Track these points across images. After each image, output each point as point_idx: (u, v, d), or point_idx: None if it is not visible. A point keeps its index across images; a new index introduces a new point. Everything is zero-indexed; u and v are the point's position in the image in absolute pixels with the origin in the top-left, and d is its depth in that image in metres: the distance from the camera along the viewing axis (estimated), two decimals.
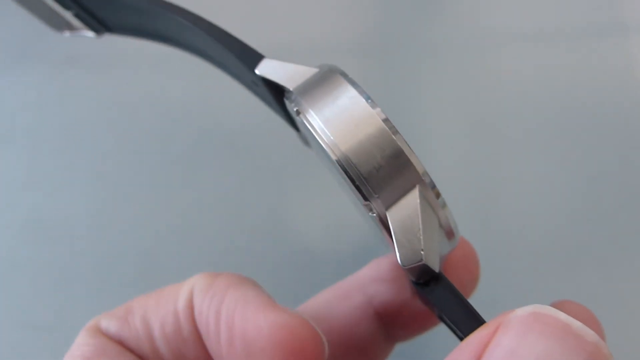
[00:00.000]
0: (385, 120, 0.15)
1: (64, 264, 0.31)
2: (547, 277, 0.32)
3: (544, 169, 0.34)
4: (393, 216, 0.15)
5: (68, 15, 0.22)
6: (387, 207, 0.15)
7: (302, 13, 0.38)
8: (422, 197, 0.15)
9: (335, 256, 0.30)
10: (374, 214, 0.15)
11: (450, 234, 0.17)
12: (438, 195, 0.16)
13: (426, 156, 0.37)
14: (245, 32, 0.37)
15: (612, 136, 0.35)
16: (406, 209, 0.15)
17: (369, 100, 0.16)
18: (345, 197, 0.20)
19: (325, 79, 0.16)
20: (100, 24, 0.23)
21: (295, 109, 0.16)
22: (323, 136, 0.15)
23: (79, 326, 0.18)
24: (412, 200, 0.15)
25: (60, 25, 0.24)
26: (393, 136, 0.15)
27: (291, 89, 0.16)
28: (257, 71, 0.18)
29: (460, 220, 0.35)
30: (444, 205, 0.16)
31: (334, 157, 0.15)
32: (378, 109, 0.15)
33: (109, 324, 0.17)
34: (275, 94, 0.18)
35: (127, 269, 0.30)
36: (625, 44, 0.38)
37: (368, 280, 0.20)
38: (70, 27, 0.23)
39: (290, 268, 0.30)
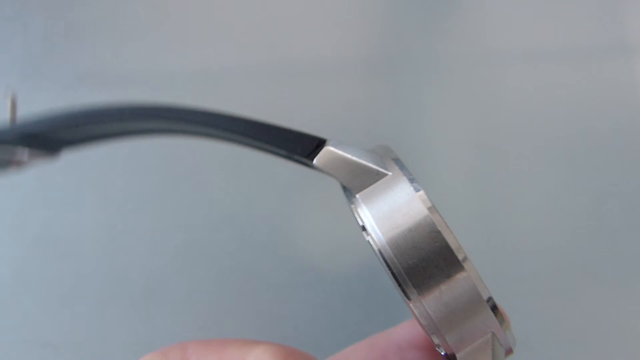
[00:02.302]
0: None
1: (73, 281, 0.31)
2: (551, 296, 0.32)
3: (549, 188, 0.34)
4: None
5: (17, 151, 0.19)
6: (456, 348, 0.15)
7: (308, 30, 0.39)
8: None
9: (341, 275, 0.30)
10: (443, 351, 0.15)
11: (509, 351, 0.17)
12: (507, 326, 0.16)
13: (431, 174, 0.37)
14: (251, 49, 0.38)
15: (617, 155, 0.35)
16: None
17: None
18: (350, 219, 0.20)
19: (390, 188, 0.16)
20: (56, 145, 0.20)
21: (358, 215, 0.16)
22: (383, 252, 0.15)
23: (85, 343, 0.18)
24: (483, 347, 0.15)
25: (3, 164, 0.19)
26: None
27: (357, 196, 0.16)
28: (316, 163, 0.16)
29: (465, 238, 0.35)
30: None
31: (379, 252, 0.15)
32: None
33: None
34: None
35: (133, 286, 0.31)
36: (630, 63, 0.38)
37: (406, 345, 0.20)
38: (18, 162, 0.19)
39: (296, 287, 0.30)
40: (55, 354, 0.29)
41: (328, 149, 0.16)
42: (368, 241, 0.15)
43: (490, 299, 0.15)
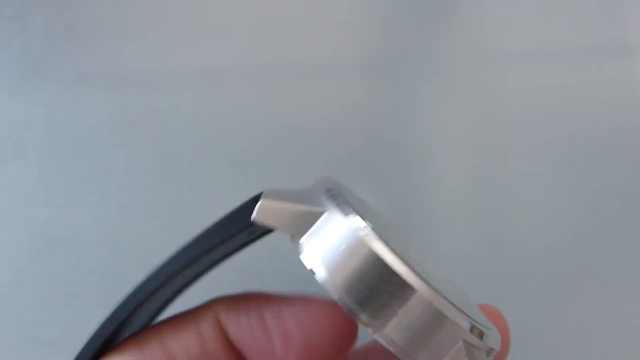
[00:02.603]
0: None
1: (72, 279, 0.31)
2: (551, 296, 0.32)
3: (549, 188, 0.34)
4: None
5: None
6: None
7: (308, 30, 0.39)
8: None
9: None
10: None
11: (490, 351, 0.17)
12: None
13: (431, 174, 0.37)
14: (252, 48, 0.38)
15: (617, 155, 0.35)
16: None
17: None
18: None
19: (327, 225, 0.16)
20: None
21: (305, 261, 0.16)
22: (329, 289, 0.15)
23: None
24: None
25: None
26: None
27: (299, 242, 0.16)
28: (254, 220, 0.16)
29: (466, 238, 0.35)
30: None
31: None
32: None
33: None
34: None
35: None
36: (630, 63, 0.38)
37: None
38: None
39: (299, 290, 0.30)
40: (54, 352, 0.29)
41: (263, 202, 0.16)
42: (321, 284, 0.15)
43: (454, 307, 0.15)
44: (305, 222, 0.16)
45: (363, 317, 0.15)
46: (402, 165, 0.35)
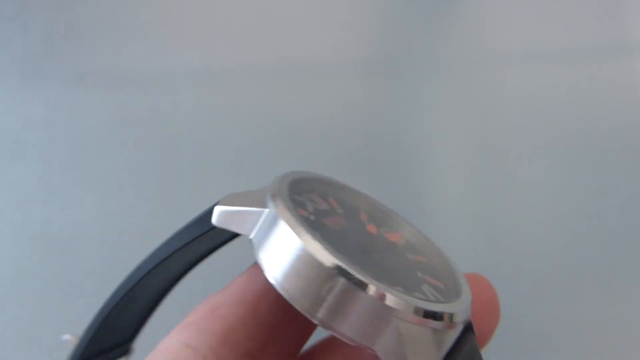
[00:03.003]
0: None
1: (72, 279, 0.31)
2: (550, 296, 0.32)
3: (549, 188, 0.34)
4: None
5: None
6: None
7: (308, 30, 0.39)
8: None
9: None
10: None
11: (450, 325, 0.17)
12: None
13: (431, 174, 0.37)
14: (251, 48, 0.38)
15: (617, 155, 0.35)
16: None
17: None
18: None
19: (268, 221, 0.17)
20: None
21: (258, 260, 0.17)
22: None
23: None
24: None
25: None
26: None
27: (252, 240, 0.17)
28: (214, 224, 0.18)
29: (466, 238, 0.35)
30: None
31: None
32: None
33: (194, 333, 0.17)
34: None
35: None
36: (630, 63, 0.38)
37: None
38: None
39: None
40: (53, 352, 0.29)
41: (215, 208, 0.18)
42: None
43: (384, 287, 0.15)
44: (253, 221, 0.17)
45: (310, 314, 0.15)
46: (402, 165, 0.35)
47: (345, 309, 0.15)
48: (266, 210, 0.17)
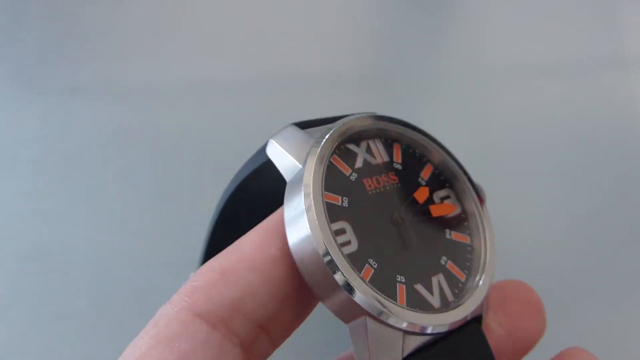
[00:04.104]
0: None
1: (63, 295, 0.31)
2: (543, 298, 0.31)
3: (545, 202, 0.34)
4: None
5: None
6: None
7: (303, 45, 0.39)
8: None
9: None
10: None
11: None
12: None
13: None
14: (243, 63, 0.38)
15: (614, 168, 0.35)
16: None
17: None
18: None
19: (297, 185, 0.18)
20: None
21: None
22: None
23: (76, 358, 0.18)
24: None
25: None
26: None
27: (288, 181, 0.18)
28: (267, 153, 0.19)
29: None
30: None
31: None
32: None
33: (204, 299, 0.16)
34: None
35: (124, 301, 0.30)
36: (626, 76, 0.38)
37: None
38: None
39: None
40: None
41: (270, 140, 0.19)
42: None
43: (349, 284, 0.16)
44: (291, 169, 0.18)
45: (305, 278, 0.17)
46: None
47: (329, 294, 0.16)
48: (300, 168, 0.17)
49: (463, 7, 0.41)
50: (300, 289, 0.17)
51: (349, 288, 0.16)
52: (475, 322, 0.18)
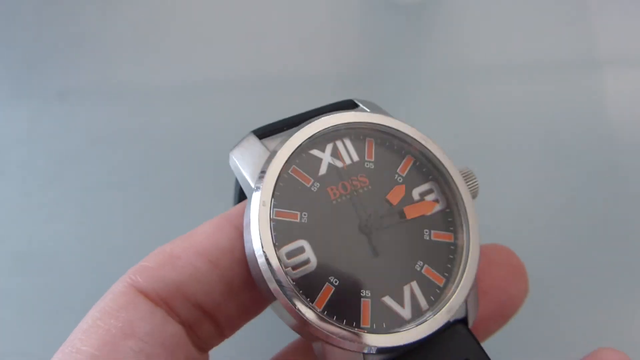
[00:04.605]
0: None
1: (53, 294, 0.31)
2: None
3: (521, 200, 0.35)
4: None
5: None
6: None
7: (290, 48, 0.39)
8: None
9: None
10: None
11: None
12: None
13: None
14: (229, 65, 0.38)
15: (585, 165, 0.36)
16: None
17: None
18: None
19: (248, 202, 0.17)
20: None
21: None
22: None
23: None
24: None
25: None
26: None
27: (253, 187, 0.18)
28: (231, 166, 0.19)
29: None
30: None
31: None
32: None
33: (149, 278, 0.17)
34: None
35: None
36: (598, 76, 0.39)
37: None
38: None
39: None
40: None
41: (230, 154, 0.19)
42: None
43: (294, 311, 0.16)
44: (248, 183, 0.18)
45: (259, 287, 0.17)
46: None
47: (283, 317, 0.16)
48: (253, 189, 0.17)
49: (442, 11, 0.42)
50: (248, 284, 0.17)
51: (300, 319, 0.16)
52: (460, 323, 0.17)
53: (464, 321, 0.17)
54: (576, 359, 0.20)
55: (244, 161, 0.18)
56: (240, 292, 0.17)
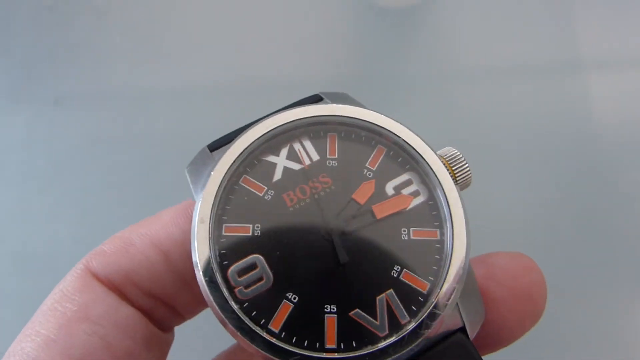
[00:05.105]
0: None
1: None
2: None
3: (507, 201, 0.35)
4: None
5: None
6: None
7: (282, 53, 0.40)
8: None
9: None
10: None
11: None
12: None
13: None
14: (224, 69, 0.38)
15: (571, 166, 0.36)
16: None
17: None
18: None
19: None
20: None
21: None
22: None
23: None
24: None
25: None
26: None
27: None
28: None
29: None
30: None
31: None
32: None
33: (103, 264, 0.17)
34: None
35: None
36: (583, 78, 0.39)
37: None
38: None
39: None
40: None
41: (186, 170, 0.18)
42: None
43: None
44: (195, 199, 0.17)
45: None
46: None
47: (235, 337, 0.15)
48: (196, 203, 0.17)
49: (431, 16, 0.42)
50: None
51: (253, 341, 0.14)
52: (460, 332, 0.15)
53: (463, 331, 0.15)
54: (570, 358, 0.19)
55: (195, 176, 0.16)
56: (195, 284, 0.16)
